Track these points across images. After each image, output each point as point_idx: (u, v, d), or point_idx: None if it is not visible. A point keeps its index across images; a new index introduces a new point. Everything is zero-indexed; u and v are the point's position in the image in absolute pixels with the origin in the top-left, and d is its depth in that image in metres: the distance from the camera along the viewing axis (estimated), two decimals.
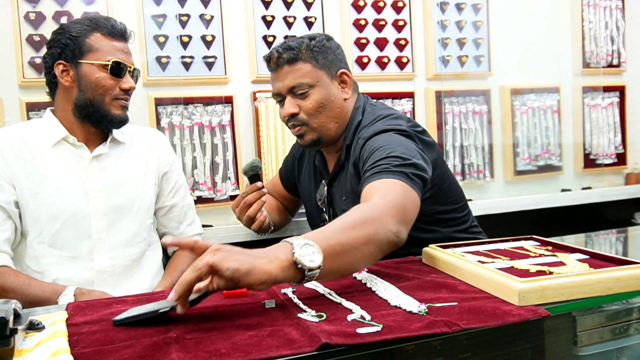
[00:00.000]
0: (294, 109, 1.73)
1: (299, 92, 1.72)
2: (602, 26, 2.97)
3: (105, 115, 1.73)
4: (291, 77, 1.72)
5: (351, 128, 1.75)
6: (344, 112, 1.77)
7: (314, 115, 1.73)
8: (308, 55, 1.72)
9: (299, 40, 1.74)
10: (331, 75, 1.75)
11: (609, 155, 2.99)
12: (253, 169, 1.83)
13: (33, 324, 1.03)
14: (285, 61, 1.72)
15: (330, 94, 1.74)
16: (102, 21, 1.75)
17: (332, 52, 1.76)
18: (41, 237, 1.70)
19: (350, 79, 1.79)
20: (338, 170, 1.80)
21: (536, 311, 1.05)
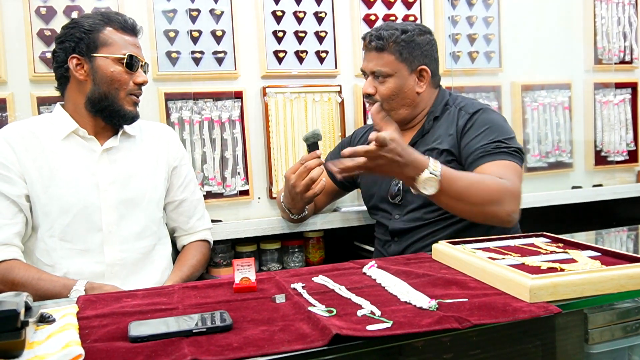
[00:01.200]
0: (371, 89, 1.95)
1: (378, 76, 1.93)
2: (614, 22, 2.94)
3: (118, 110, 1.75)
4: (374, 63, 1.93)
5: (439, 104, 1.97)
6: (415, 102, 1.96)
7: (386, 100, 1.93)
8: (394, 48, 1.91)
9: (390, 32, 1.91)
10: (411, 68, 1.93)
11: (621, 153, 2.96)
12: (315, 136, 1.90)
13: (44, 317, 1.03)
14: (373, 48, 1.92)
15: (405, 85, 1.93)
16: (113, 16, 1.78)
17: (419, 48, 1.94)
18: (52, 231, 1.71)
19: (428, 75, 1.95)
20: (417, 140, 1.96)
21: (547, 308, 1.04)
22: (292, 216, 2.14)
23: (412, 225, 1.92)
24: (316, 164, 1.88)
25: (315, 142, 1.90)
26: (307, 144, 1.91)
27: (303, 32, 2.42)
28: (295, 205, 2.04)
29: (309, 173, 1.88)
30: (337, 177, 1.55)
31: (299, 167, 1.89)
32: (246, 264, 1.28)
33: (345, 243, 2.50)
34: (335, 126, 2.44)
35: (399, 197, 1.96)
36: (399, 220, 1.96)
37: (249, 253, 2.33)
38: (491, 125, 1.84)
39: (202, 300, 1.19)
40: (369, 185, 2.10)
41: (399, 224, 1.95)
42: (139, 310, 1.13)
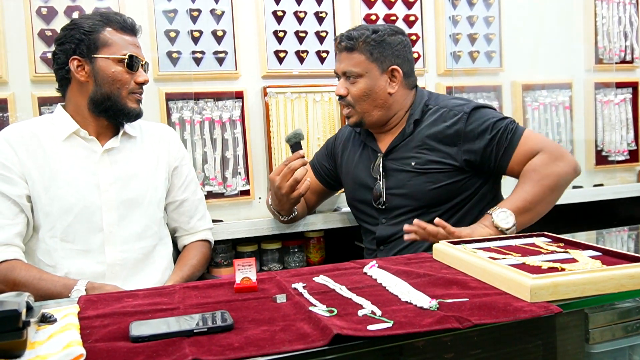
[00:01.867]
0: (342, 90, 1.94)
1: (349, 76, 1.92)
2: (615, 22, 2.94)
3: (122, 109, 1.75)
4: (345, 63, 1.92)
5: (418, 107, 1.96)
6: (387, 103, 1.94)
7: (358, 101, 1.93)
8: (364, 48, 1.90)
9: (361, 32, 1.91)
10: (382, 69, 1.92)
11: (621, 152, 2.96)
12: (296, 136, 1.89)
13: (45, 317, 1.04)
14: (343, 48, 1.92)
15: (376, 85, 1.92)
16: (113, 16, 1.78)
17: (390, 48, 1.92)
18: (53, 231, 1.72)
19: (400, 75, 1.93)
20: (398, 144, 1.95)
21: (548, 308, 1.04)
22: (282, 218, 2.13)
23: (400, 230, 1.86)
24: (300, 164, 1.87)
25: (297, 142, 1.89)
26: (290, 145, 1.91)
27: (304, 32, 2.42)
28: (283, 206, 2.04)
29: (293, 174, 1.87)
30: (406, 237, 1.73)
31: (283, 168, 1.89)
32: (247, 264, 1.28)
33: (346, 243, 2.50)
34: (336, 126, 2.44)
35: (382, 200, 1.94)
36: (386, 225, 1.95)
37: (250, 253, 2.34)
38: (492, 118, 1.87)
39: (203, 300, 1.19)
40: (351, 187, 2.09)
41: (387, 229, 1.94)
42: (140, 310, 1.13)
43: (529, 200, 1.73)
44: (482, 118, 1.87)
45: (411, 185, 1.89)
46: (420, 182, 1.87)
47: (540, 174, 1.77)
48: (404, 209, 1.90)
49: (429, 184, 1.86)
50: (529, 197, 1.74)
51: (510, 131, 1.84)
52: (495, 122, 1.86)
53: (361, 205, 2.04)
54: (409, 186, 1.89)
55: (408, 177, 1.89)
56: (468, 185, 1.88)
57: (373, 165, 1.98)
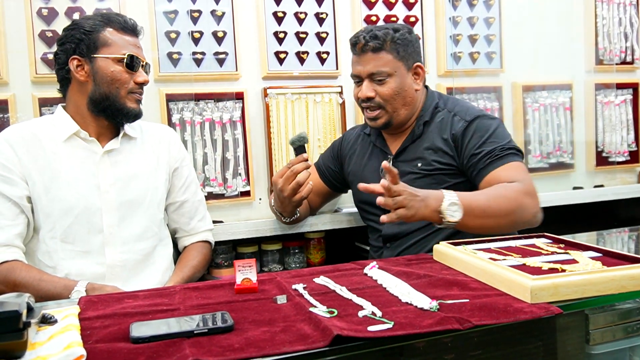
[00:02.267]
0: (371, 93, 1.91)
1: (378, 78, 1.90)
2: (615, 22, 2.93)
3: (120, 108, 1.75)
4: (373, 64, 1.90)
5: (429, 108, 1.96)
6: (414, 100, 1.95)
7: (389, 101, 1.91)
8: (391, 47, 1.90)
9: (384, 31, 1.90)
10: (408, 66, 1.93)
11: (622, 153, 2.96)
12: (300, 139, 1.89)
13: (46, 318, 1.04)
14: (370, 49, 1.89)
15: (405, 83, 1.92)
16: (114, 16, 1.78)
17: (412, 45, 1.94)
18: (53, 232, 1.72)
19: (423, 72, 1.97)
20: (408, 145, 1.96)
21: (548, 309, 1.04)
22: (284, 219, 2.14)
23: (405, 229, 1.91)
24: (303, 167, 1.87)
25: (301, 145, 1.89)
26: (294, 148, 1.90)
27: (304, 33, 2.42)
28: (285, 208, 2.04)
29: (295, 177, 1.87)
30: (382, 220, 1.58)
31: (286, 171, 1.89)
32: (247, 264, 1.28)
33: (346, 244, 2.50)
34: (336, 127, 2.44)
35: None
36: (392, 224, 1.94)
37: (250, 254, 2.34)
38: (491, 132, 1.85)
39: (204, 301, 1.19)
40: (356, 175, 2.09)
41: (393, 228, 1.94)
42: (140, 311, 1.13)
43: (483, 208, 1.62)
44: (480, 129, 1.86)
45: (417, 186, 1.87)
46: (425, 183, 1.87)
47: (507, 193, 1.68)
48: None
49: (434, 185, 1.85)
50: (482, 205, 1.63)
51: (500, 152, 1.79)
52: (490, 136, 1.83)
53: (369, 207, 2.04)
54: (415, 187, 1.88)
55: (414, 178, 1.89)
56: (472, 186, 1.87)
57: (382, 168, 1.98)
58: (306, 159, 1.88)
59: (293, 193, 1.89)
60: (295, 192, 1.89)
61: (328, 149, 2.26)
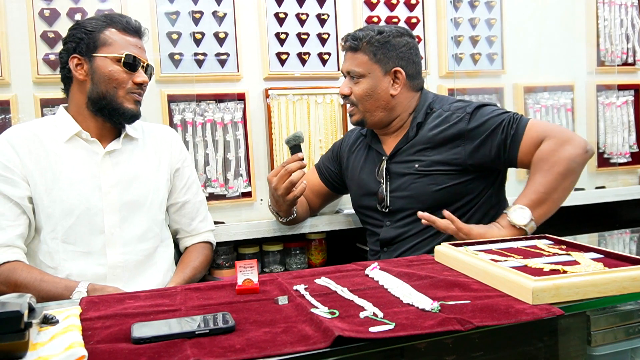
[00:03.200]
0: (346, 90, 1.96)
1: (352, 76, 1.93)
2: (617, 24, 2.93)
3: (117, 108, 1.75)
4: (349, 63, 1.95)
5: (421, 110, 1.96)
6: (390, 104, 1.94)
7: (360, 101, 1.94)
8: (367, 48, 1.91)
9: (366, 32, 1.93)
10: (385, 70, 1.92)
11: (623, 155, 2.96)
12: (296, 139, 1.89)
13: (47, 318, 1.04)
14: (348, 47, 1.95)
15: (378, 87, 1.92)
16: (117, 17, 1.78)
17: (395, 49, 1.92)
18: (55, 233, 1.72)
19: (402, 77, 1.93)
20: (402, 146, 1.95)
21: (550, 310, 1.04)
22: (281, 219, 2.14)
23: (402, 232, 1.91)
24: (297, 166, 1.87)
25: (297, 144, 1.89)
26: (289, 147, 1.90)
27: (305, 34, 2.42)
28: (280, 207, 2.04)
29: (289, 176, 1.87)
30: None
31: (280, 170, 1.89)
32: (249, 265, 1.28)
33: (348, 245, 2.50)
34: (338, 128, 2.45)
35: (385, 203, 1.95)
36: (390, 228, 1.95)
37: (252, 255, 2.34)
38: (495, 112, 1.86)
39: (205, 302, 1.19)
40: (356, 191, 2.10)
41: (391, 231, 1.94)
42: (141, 311, 1.13)
43: (542, 191, 1.69)
44: (484, 115, 1.85)
45: (414, 187, 1.89)
46: (423, 183, 1.87)
47: (549, 162, 1.73)
48: (407, 212, 1.90)
49: (432, 186, 1.86)
50: (541, 188, 1.70)
51: (515, 121, 1.82)
52: (498, 116, 1.84)
53: (366, 209, 2.04)
54: (412, 188, 1.89)
55: (411, 179, 1.89)
56: (472, 187, 1.87)
57: (378, 169, 1.98)
58: (301, 158, 1.88)
59: (286, 192, 1.89)
60: (288, 191, 1.89)
61: (329, 150, 2.27)
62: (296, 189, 1.90)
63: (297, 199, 1.96)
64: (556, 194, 1.71)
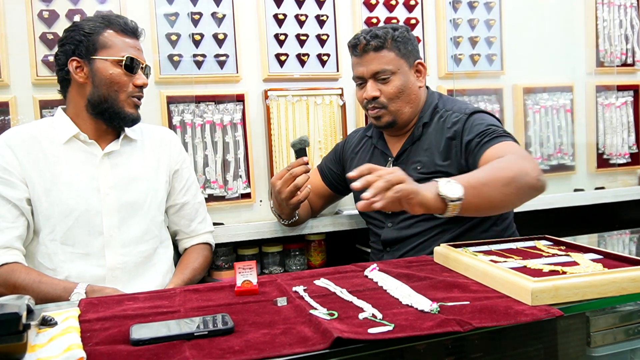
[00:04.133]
0: (375, 92, 1.91)
1: (382, 77, 1.89)
2: (616, 25, 2.93)
3: (118, 112, 1.75)
4: (376, 63, 1.89)
5: (428, 109, 1.95)
6: (418, 98, 1.95)
7: (393, 100, 1.91)
8: (392, 45, 1.90)
9: (384, 30, 1.91)
10: (409, 64, 1.93)
11: (623, 155, 2.96)
12: (301, 142, 1.88)
13: (46, 320, 1.04)
14: (372, 48, 1.89)
15: (408, 81, 1.92)
16: (114, 18, 1.78)
17: (412, 43, 1.95)
18: (53, 234, 1.72)
19: (425, 69, 1.96)
20: (408, 147, 1.94)
21: (549, 311, 1.04)
22: (283, 221, 2.14)
23: (404, 234, 1.89)
24: (302, 170, 1.86)
25: (302, 148, 1.88)
26: (295, 150, 1.89)
27: (305, 35, 2.42)
28: (283, 211, 2.03)
29: (294, 180, 1.86)
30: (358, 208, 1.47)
31: (285, 173, 1.88)
32: (248, 267, 1.28)
33: (347, 246, 2.50)
34: (337, 129, 2.45)
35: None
36: (391, 229, 1.94)
37: (251, 256, 2.33)
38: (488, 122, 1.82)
39: (204, 303, 1.19)
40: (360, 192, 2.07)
41: (392, 233, 1.93)
42: (140, 313, 1.13)
43: (481, 181, 1.50)
44: (478, 121, 1.83)
45: None
46: None
47: (501, 163, 1.59)
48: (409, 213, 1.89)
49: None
50: (481, 177, 1.52)
51: (495, 133, 1.75)
52: (487, 126, 1.79)
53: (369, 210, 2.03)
54: None
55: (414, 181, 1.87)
56: None
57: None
58: (306, 162, 1.88)
59: (291, 196, 1.89)
60: (292, 195, 1.88)
61: (331, 151, 2.26)
62: (300, 193, 1.89)
63: (301, 203, 1.96)
64: (490, 190, 1.50)
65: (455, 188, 1.42)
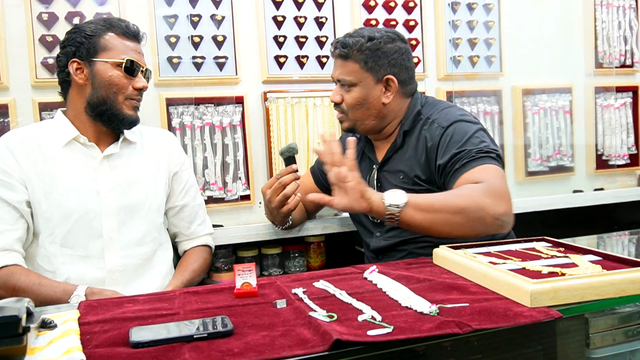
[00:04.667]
0: (337, 98, 1.89)
1: (343, 85, 1.87)
2: (615, 26, 2.94)
3: (117, 114, 1.75)
4: (339, 71, 1.87)
5: (409, 117, 1.88)
6: (382, 112, 1.87)
7: (352, 110, 1.87)
8: (358, 57, 1.83)
9: (356, 39, 1.83)
10: (377, 78, 1.84)
11: (622, 156, 2.96)
12: (290, 150, 1.88)
13: (45, 323, 1.04)
14: (337, 55, 1.87)
15: (370, 95, 1.85)
16: (116, 21, 1.78)
17: (386, 57, 1.84)
18: (53, 237, 1.72)
19: (395, 85, 1.85)
20: (392, 155, 1.90)
21: (548, 313, 1.04)
22: (277, 227, 2.14)
23: (393, 242, 1.86)
24: (291, 179, 1.86)
25: (291, 156, 1.88)
26: (283, 158, 1.89)
27: (304, 37, 2.43)
28: (275, 218, 2.04)
29: (284, 189, 1.86)
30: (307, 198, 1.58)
31: (275, 182, 1.87)
32: (247, 269, 1.28)
33: (346, 248, 2.50)
34: (336, 131, 2.45)
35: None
36: (380, 239, 1.91)
37: (250, 258, 2.33)
38: (468, 136, 1.72)
39: (203, 306, 1.19)
40: None
41: (380, 242, 1.90)
42: (140, 315, 1.13)
43: (433, 203, 1.51)
44: (457, 134, 1.73)
45: None
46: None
47: (460, 192, 1.57)
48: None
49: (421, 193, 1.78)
50: (431, 198, 1.54)
51: (475, 155, 1.66)
52: (466, 141, 1.70)
53: (358, 217, 2.02)
54: None
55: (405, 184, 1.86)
56: None
57: (369, 177, 1.95)
58: (296, 170, 1.87)
59: (280, 205, 1.88)
60: (282, 204, 1.88)
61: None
62: (290, 202, 1.89)
63: (291, 212, 1.95)
64: (438, 216, 1.50)
65: (399, 197, 1.48)
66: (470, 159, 1.65)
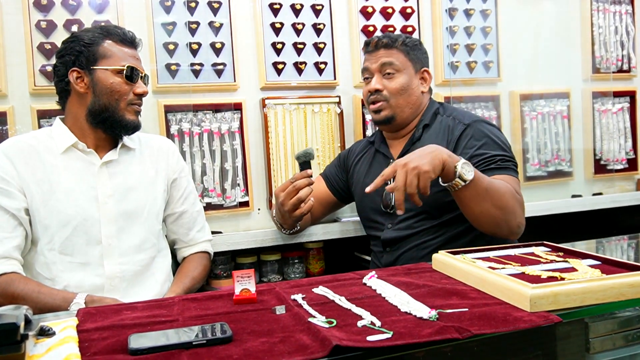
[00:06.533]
0: (379, 85, 2.01)
1: (388, 71, 2.01)
2: (612, 31, 2.95)
3: (119, 120, 1.76)
4: (385, 57, 2.01)
5: (429, 112, 2.04)
6: (418, 101, 2.04)
7: (395, 96, 2.00)
8: (402, 47, 2.03)
9: (397, 35, 2.07)
10: (416, 69, 2.05)
11: (620, 161, 2.97)
12: (306, 155, 1.89)
13: (44, 330, 1.03)
14: (383, 45, 2.02)
15: (412, 83, 2.02)
16: (113, 29, 1.79)
17: (421, 53, 2.09)
18: (52, 244, 1.71)
19: (430, 77, 2.08)
20: (409, 148, 1.97)
21: (548, 317, 1.04)
22: (284, 231, 2.16)
23: (403, 234, 1.92)
24: (305, 183, 1.87)
25: (307, 160, 1.88)
26: (299, 163, 1.90)
27: (302, 43, 2.43)
28: (286, 221, 2.05)
29: (297, 192, 1.87)
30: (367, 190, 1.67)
31: (289, 185, 1.89)
32: (246, 275, 1.27)
33: (346, 254, 2.50)
34: (335, 137, 2.45)
35: (391, 204, 1.96)
36: (391, 230, 1.96)
37: (249, 264, 2.33)
38: (491, 137, 1.89)
39: (202, 312, 1.19)
40: (361, 195, 2.09)
41: (391, 233, 1.95)
42: (138, 322, 1.13)
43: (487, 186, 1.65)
44: (479, 132, 1.89)
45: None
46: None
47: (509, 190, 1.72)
48: (409, 213, 1.90)
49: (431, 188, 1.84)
50: (490, 185, 1.67)
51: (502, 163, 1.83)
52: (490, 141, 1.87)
53: (370, 213, 2.05)
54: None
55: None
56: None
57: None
58: (310, 174, 1.88)
59: (294, 208, 1.89)
60: (296, 207, 1.89)
61: (335, 159, 2.29)
62: (304, 206, 1.90)
63: (303, 216, 1.96)
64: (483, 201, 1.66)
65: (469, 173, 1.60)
66: (500, 166, 1.82)
